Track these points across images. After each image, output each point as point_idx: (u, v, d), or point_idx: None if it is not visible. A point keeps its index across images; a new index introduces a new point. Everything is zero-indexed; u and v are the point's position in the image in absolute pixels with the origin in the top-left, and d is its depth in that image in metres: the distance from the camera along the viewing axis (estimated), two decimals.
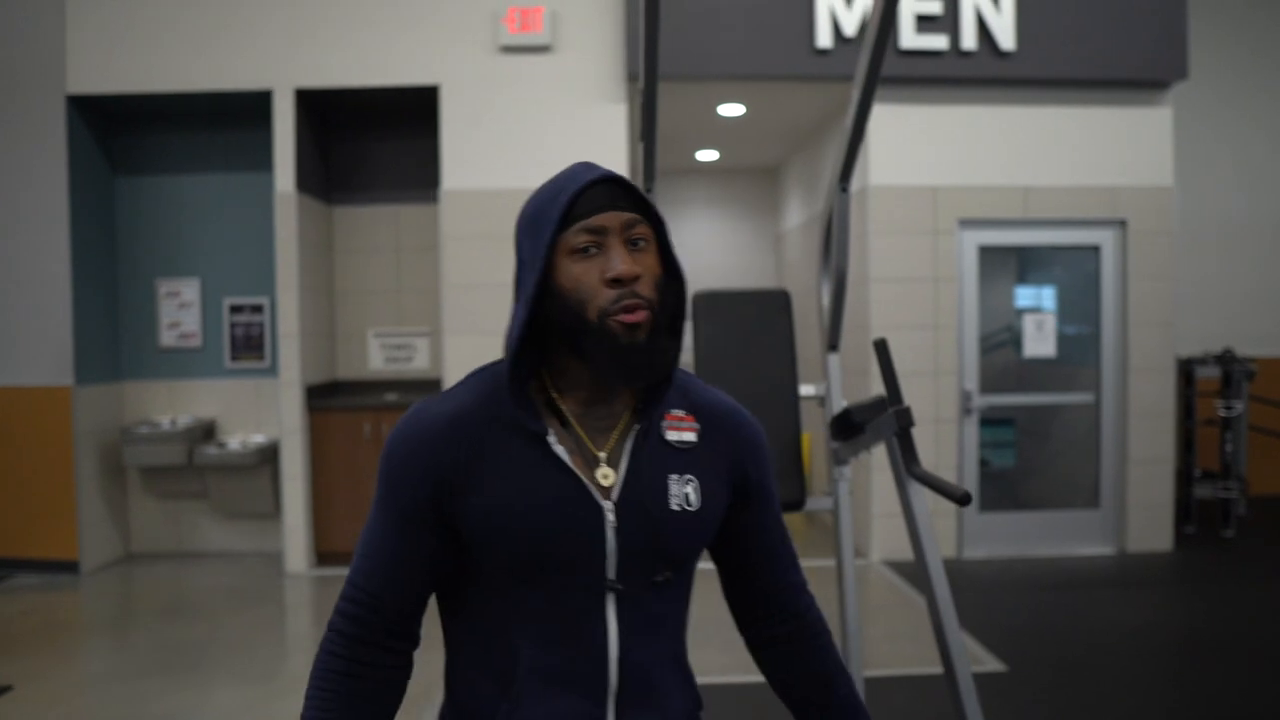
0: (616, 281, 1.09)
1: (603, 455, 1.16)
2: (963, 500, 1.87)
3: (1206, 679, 3.85)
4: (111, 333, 6.08)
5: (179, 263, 6.18)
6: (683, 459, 1.19)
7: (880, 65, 2.23)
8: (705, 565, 1.39)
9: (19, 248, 5.67)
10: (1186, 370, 6.44)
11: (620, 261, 1.10)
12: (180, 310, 6.17)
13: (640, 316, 1.09)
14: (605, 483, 1.14)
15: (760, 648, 1.36)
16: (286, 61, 5.62)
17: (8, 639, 4.57)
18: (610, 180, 1.14)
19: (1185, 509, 6.32)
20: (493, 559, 1.13)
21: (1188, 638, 4.41)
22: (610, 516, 1.13)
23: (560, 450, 1.14)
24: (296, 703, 3.83)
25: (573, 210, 1.12)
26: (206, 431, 6.04)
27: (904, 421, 2.19)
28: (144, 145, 6.17)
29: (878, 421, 2.32)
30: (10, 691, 3.86)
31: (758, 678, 3.91)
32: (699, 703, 1.26)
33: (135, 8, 5.63)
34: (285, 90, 5.62)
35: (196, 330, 6.18)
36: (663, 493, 1.16)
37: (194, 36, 5.63)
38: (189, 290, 6.17)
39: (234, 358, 6.18)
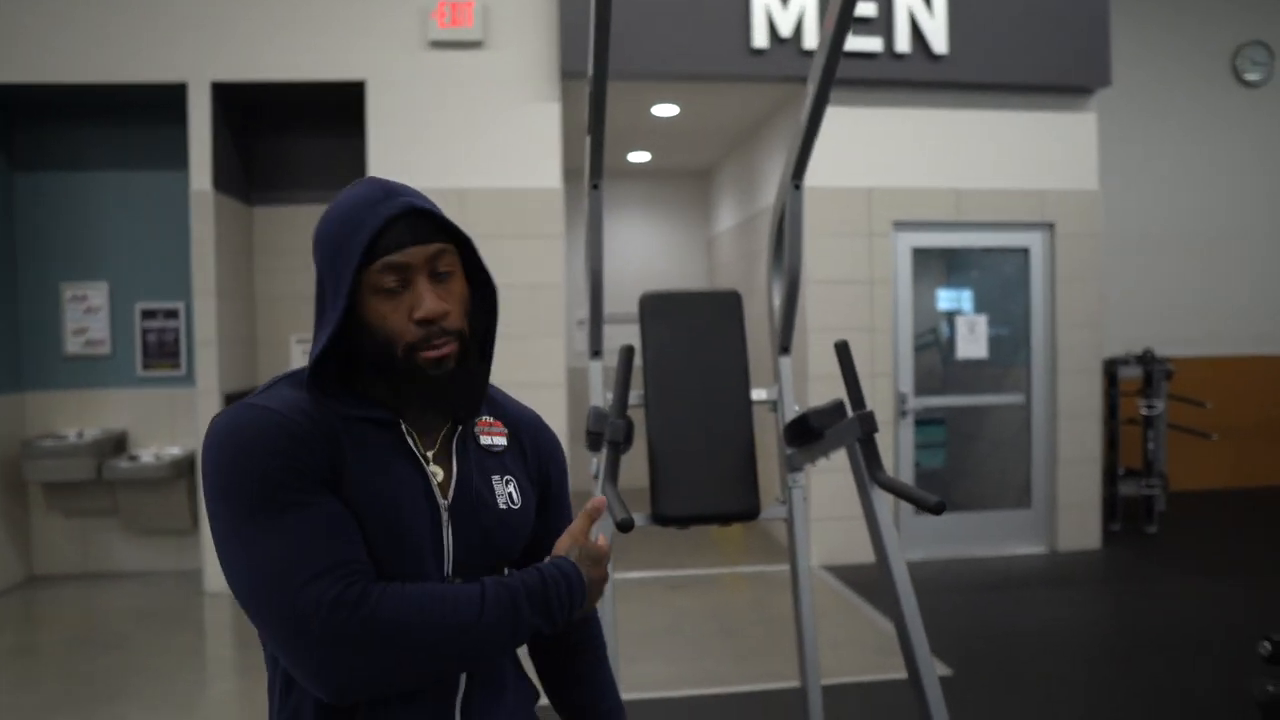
0: (425, 322, 1.10)
1: (430, 454, 1.18)
2: (936, 509, 1.80)
3: (1143, 671, 3.90)
4: (12, 340, 5.70)
5: (86, 265, 5.84)
6: (499, 461, 1.24)
7: (839, 57, 2.16)
8: (635, 575, 1.31)
9: None
10: (1110, 371, 6.59)
11: (428, 300, 1.10)
12: (87, 315, 5.82)
13: (447, 350, 1.12)
14: (438, 479, 1.16)
15: (543, 653, 1.37)
16: (203, 53, 5.35)
17: None
18: (412, 212, 1.12)
19: (1111, 507, 6.45)
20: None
21: (1123, 632, 4.47)
22: (444, 515, 1.15)
23: (411, 441, 1.15)
24: None
25: (376, 244, 1.09)
26: (117, 444, 5.71)
27: (868, 426, 2.12)
28: (48, 139, 5.81)
29: (838, 427, 2.24)
30: None
31: (702, 690, 3.83)
32: (536, 694, 1.30)
33: None
34: (201, 84, 5.34)
35: (105, 337, 5.84)
36: (490, 493, 1.20)
37: (102, 24, 5.31)
38: (96, 294, 5.83)
39: (146, 366, 5.86)
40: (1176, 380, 6.69)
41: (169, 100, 5.48)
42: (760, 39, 5.48)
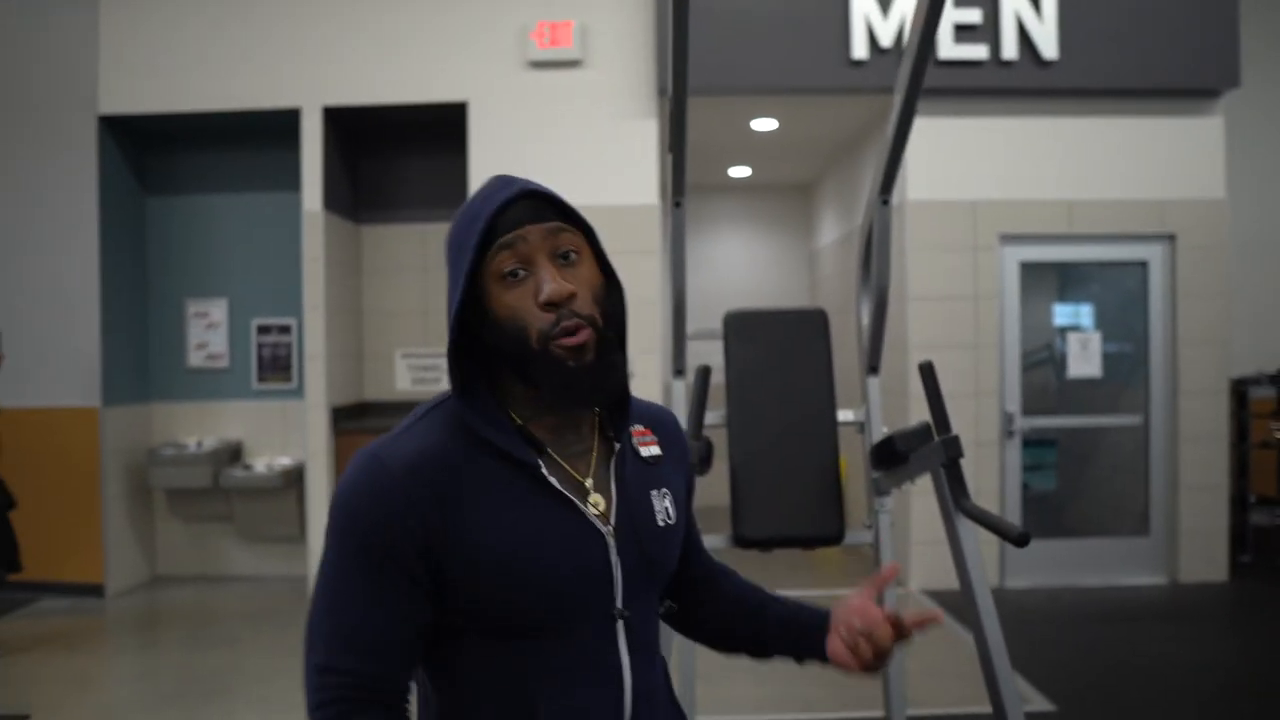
0: (551, 304, 1.04)
1: (589, 482, 1.11)
2: (1020, 541, 1.71)
3: None
4: (140, 353, 6.06)
5: (207, 283, 6.16)
6: (655, 474, 1.18)
7: (924, 69, 2.09)
8: None
9: (50, 268, 5.66)
10: (1239, 391, 6.18)
11: (550, 281, 1.04)
12: (208, 331, 6.14)
13: (584, 337, 1.04)
14: (598, 510, 1.09)
15: (696, 625, 1.35)
16: (314, 80, 5.58)
17: (29, 664, 4.51)
18: (529, 194, 1.07)
19: (1240, 537, 6.04)
20: (497, 607, 1.03)
21: (1247, 675, 4.16)
22: (612, 543, 1.08)
23: (554, 481, 1.07)
24: None
25: (494, 231, 1.05)
26: (233, 453, 5.98)
27: (953, 452, 2.04)
28: (174, 165, 6.17)
29: (923, 450, 2.16)
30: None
31: (790, 714, 3.74)
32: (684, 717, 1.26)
33: (166, 29, 5.63)
34: (313, 109, 5.58)
35: (224, 351, 6.14)
36: (649, 512, 1.14)
37: (223, 56, 5.61)
38: (217, 310, 6.14)
39: (261, 379, 6.13)
40: None
41: (283, 125, 5.74)
42: (860, 50, 5.38)
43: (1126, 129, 5.60)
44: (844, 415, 2.68)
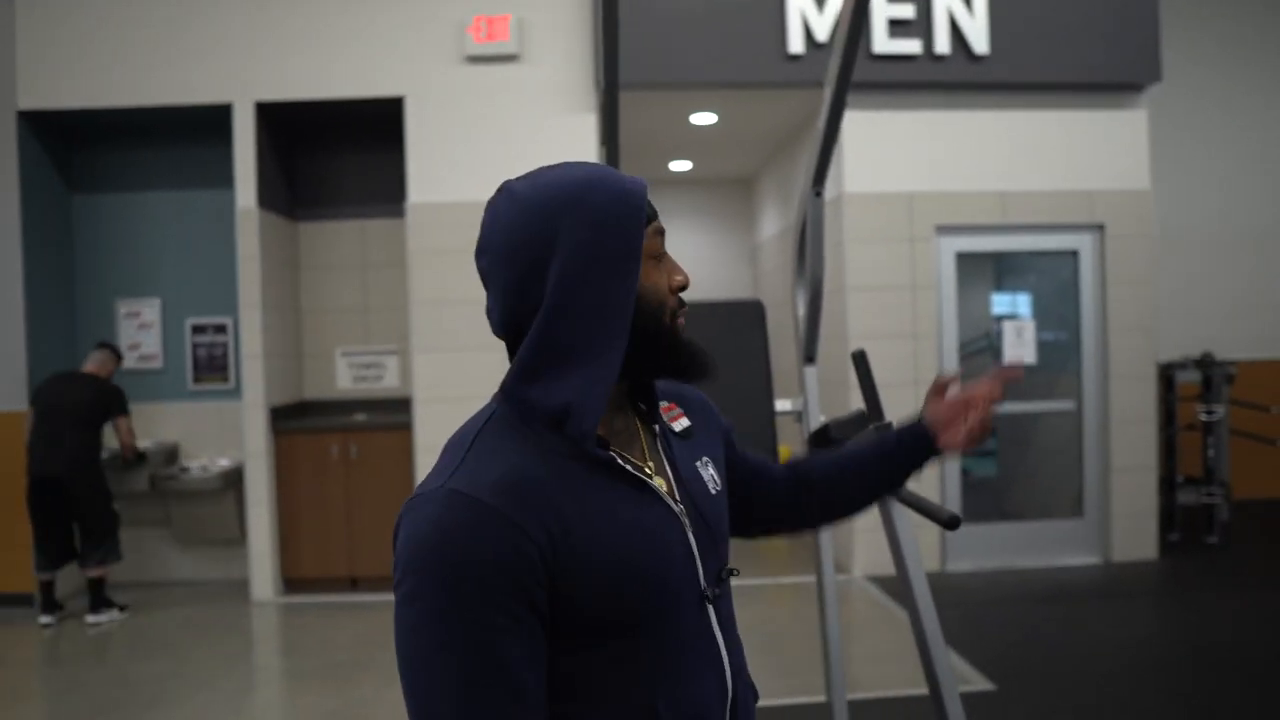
0: (682, 288, 1.11)
1: (649, 467, 1.11)
2: (950, 524, 1.74)
3: (1201, 692, 3.76)
4: (69, 355, 5.88)
5: (139, 282, 6.00)
6: (693, 445, 1.20)
7: (853, 61, 2.12)
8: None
9: None
10: (1167, 375, 6.38)
11: (682, 270, 1.11)
12: (140, 331, 5.99)
13: (683, 319, 1.12)
14: (664, 490, 1.09)
15: (818, 515, 1.43)
16: (246, 74, 5.47)
17: None
18: None
19: (1169, 516, 6.24)
20: (611, 612, 0.99)
21: (1180, 649, 4.31)
22: (686, 521, 1.09)
23: (630, 468, 1.06)
24: None
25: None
26: (169, 456, 5.85)
27: None
28: (101, 162, 6.00)
29: (858, 438, 2.19)
30: None
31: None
32: (757, 694, 1.24)
33: (89, 21, 5.47)
34: (245, 104, 5.47)
35: (158, 351, 6.00)
36: (702, 483, 1.15)
37: (151, 50, 5.47)
38: (149, 310, 5.99)
39: (197, 379, 6.00)
40: (1238, 384, 6.45)
41: (215, 121, 5.62)
42: (796, 44, 5.43)
43: (1056, 122, 5.74)
44: (782, 405, 2.71)
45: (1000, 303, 6.07)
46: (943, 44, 5.50)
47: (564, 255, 1.00)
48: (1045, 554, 5.82)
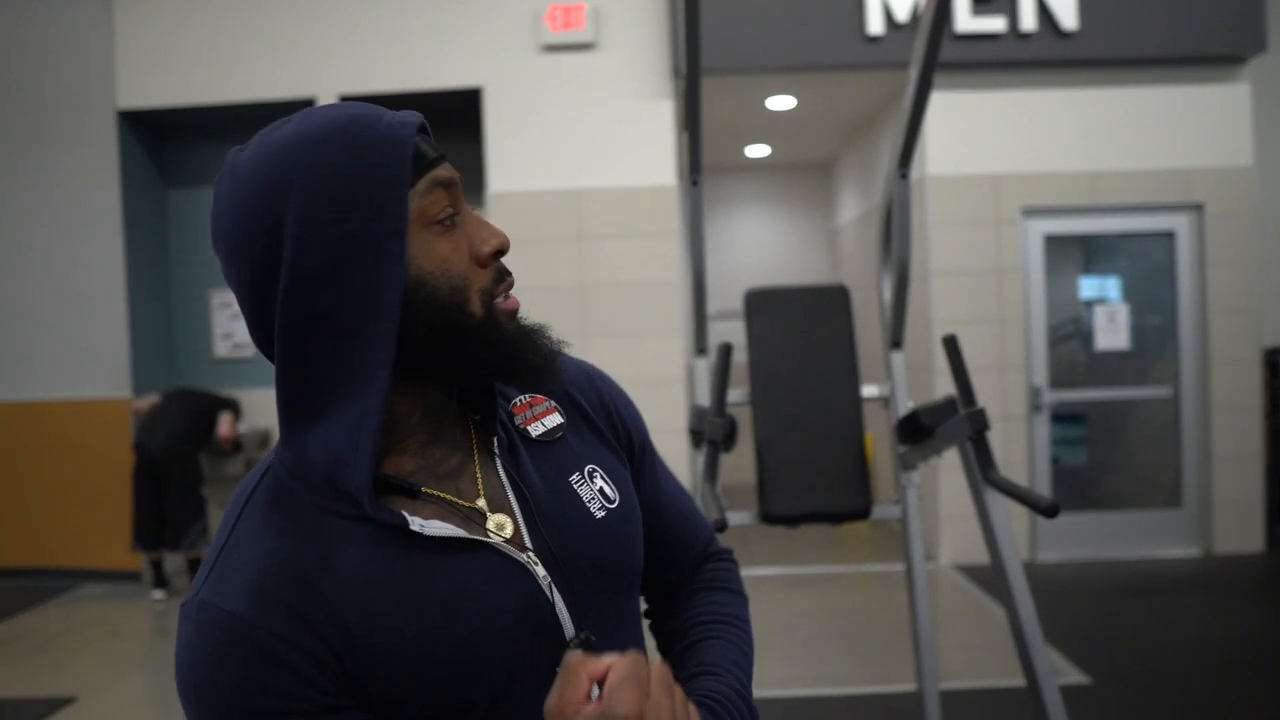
0: (496, 255, 0.81)
1: (480, 502, 0.83)
2: (1049, 512, 1.70)
3: None
4: (166, 344, 6.12)
5: None
6: (565, 451, 0.89)
7: (940, 41, 2.07)
8: (754, 572, 1.25)
9: (76, 263, 5.73)
10: (1272, 360, 6.09)
11: (493, 229, 0.80)
12: (233, 321, 6.19)
13: (516, 300, 0.83)
14: (505, 534, 0.82)
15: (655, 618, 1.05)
16: (329, 69, 5.60)
17: (73, 649, 4.59)
18: (423, 126, 0.81)
19: (1277, 508, 5.97)
20: (437, 704, 0.76)
21: None
22: (539, 571, 0.81)
23: (436, 528, 0.78)
24: None
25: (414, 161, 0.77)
26: (261, 441, 6.04)
27: (978, 424, 2.02)
28: (194, 157, 6.21)
29: (949, 424, 2.15)
30: (74, 703, 3.86)
31: (819, 690, 3.75)
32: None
33: (181, 22, 5.66)
34: (329, 97, 5.59)
35: (249, 340, 6.19)
36: (577, 505, 0.86)
37: (238, 48, 5.63)
38: None
39: None
40: None
41: None
42: (876, 25, 5.32)
43: (1150, 98, 5.51)
44: (868, 390, 2.67)
45: (1088, 286, 5.87)
46: (1029, 21, 5.32)
47: (291, 246, 0.73)
48: (1139, 544, 5.63)
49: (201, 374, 6.17)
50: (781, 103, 6.33)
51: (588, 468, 0.89)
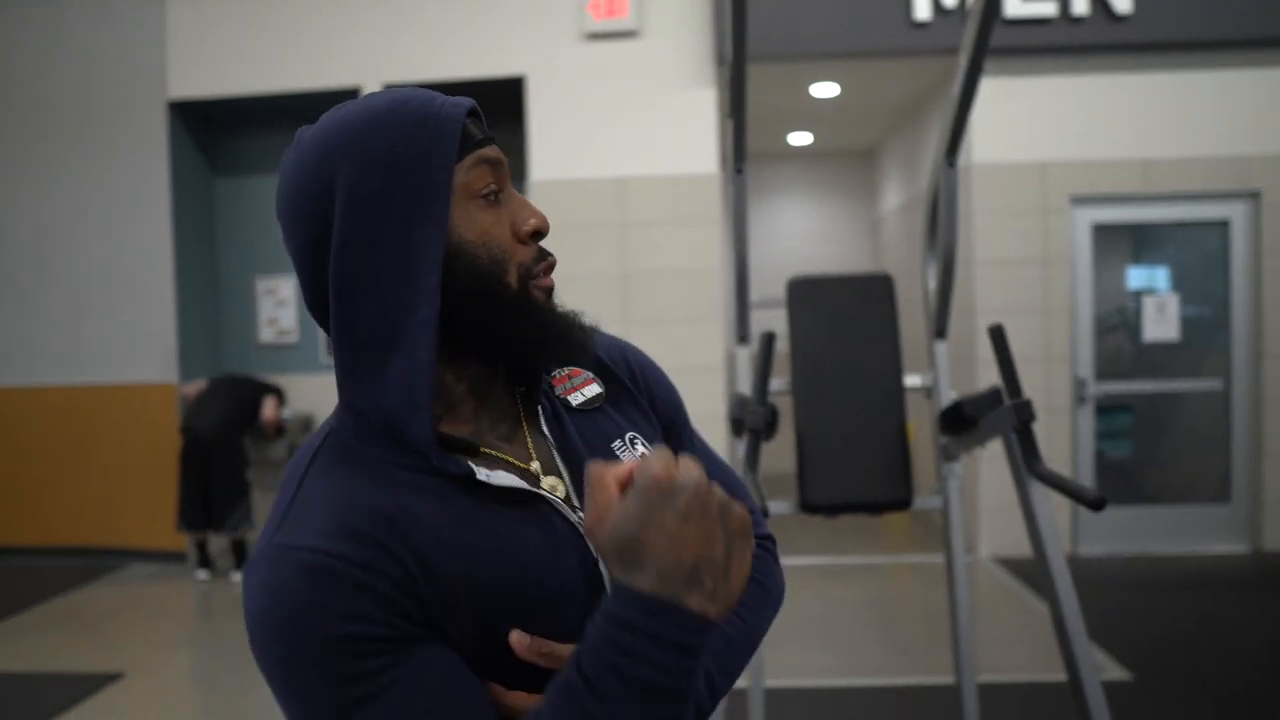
0: (538, 235, 0.85)
1: (534, 465, 0.86)
2: (1095, 505, 1.68)
3: None
4: (213, 330, 6.24)
5: (275, 261, 6.29)
6: (606, 419, 0.93)
7: (991, 28, 2.04)
8: (792, 562, 1.24)
9: (125, 250, 5.85)
10: None
11: (534, 209, 0.85)
12: (278, 307, 6.28)
13: (552, 280, 0.86)
14: (560, 494, 0.85)
15: None
16: (374, 58, 5.64)
17: (121, 628, 4.71)
18: (474, 109, 0.86)
19: None
20: (498, 659, 0.78)
21: None
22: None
23: (501, 478, 0.81)
24: None
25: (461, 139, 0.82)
26: (305, 425, 6.13)
27: (1024, 416, 2.00)
28: (241, 146, 6.30)
29: (993, 415, 2.13)
30: (122, 679, 3.96)
31: (856, 680, 3.74)
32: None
33: (229, 14, 5.73)
34: (374, 87, 5.64)
35: (293, 326, 6.28)
36: None
37: (285, 39, 5.70)
38: (285, 287, 6.27)
39: (329, 352, 6.26)
40: None
41: None
42: (923, 11, 5.25)
43: (1205, 82, 5.38)
44: (911, 380, 2.65)
45: (1137, 276, 5.76)
46: (1080, 5, 5.22)
47: (341, 211, 0.78)
48: (1186, 540, 5.53)
49: (246, 359, 6.28)
50: (825, 90, 6.27)
51: (629, 434, 0.92)
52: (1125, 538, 5.52)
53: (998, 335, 2.05)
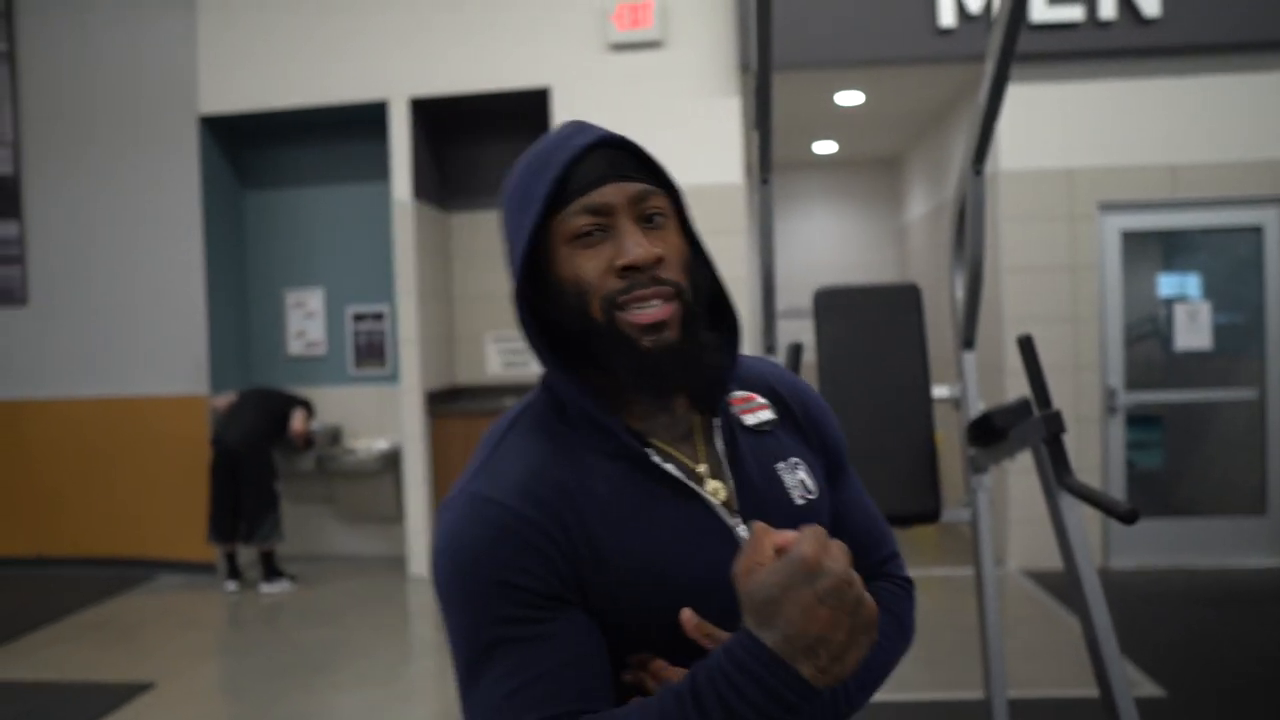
0: (629, 269, 0.88)
1: (702, 468, 0.95)
2: (1128, 518, 1.65)
3: None
4: (242, 342, 6.30)
5: (304, 273, 6.35)
6: (775, 442, 1.00)
7: (1018, 31, 2.02)
8: None
9: (157, 263, 5.93)
10: None
11: (634, 244, 0.88)
12: (306, 319, 6.34)
13: (664, 312, 0.88)
14: (720, 498, 0.93)
15: None
16: (400, 72, 5.69)
17: (151, 637, 4.76)
18: (612, 143, 0.92)
19: None
20: (640, 630, 0.89)
21: None
22: (744, 534, 0.92)
23: (672, 469, 0.92)
24: (417, 707, 3.84)
25: (568, 184, 0.90)
26: (333, 437, 6.18)
27: (1054, 427, 1.98)
28: (270, 160, 6.37)
29: (1023, 426, 2.11)
30: (152, 689, 4.00)
31: (885, 695, 3.69)
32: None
33: (259, 30, 5.81)
34: (400, 100, 5.69)
35: (322, 338, 6.34)
36: (781, 490, 0.97)
37: (313, 53, 5.77)
38: (314, 300, 6.33)
39: (358, 364, 6.31)
40: None
41: (372, 118, 5.87)
42: (948, 18, 5.22)
43: (1237, 86, 5.31)
44: (939, 391, 2.63)
45: (1167, 284, 5.68)
46: (1108, 9, 5.17)
47: (506, 238, 0.96)
48: (1219, 553, 5.44)
49: (276, 371, 6.34)
50: (850, 98, 6.25)
51: (792, 459, 1.01)
52: (1158, 550, 5.43)
53: (1026, 346, 2.03)
